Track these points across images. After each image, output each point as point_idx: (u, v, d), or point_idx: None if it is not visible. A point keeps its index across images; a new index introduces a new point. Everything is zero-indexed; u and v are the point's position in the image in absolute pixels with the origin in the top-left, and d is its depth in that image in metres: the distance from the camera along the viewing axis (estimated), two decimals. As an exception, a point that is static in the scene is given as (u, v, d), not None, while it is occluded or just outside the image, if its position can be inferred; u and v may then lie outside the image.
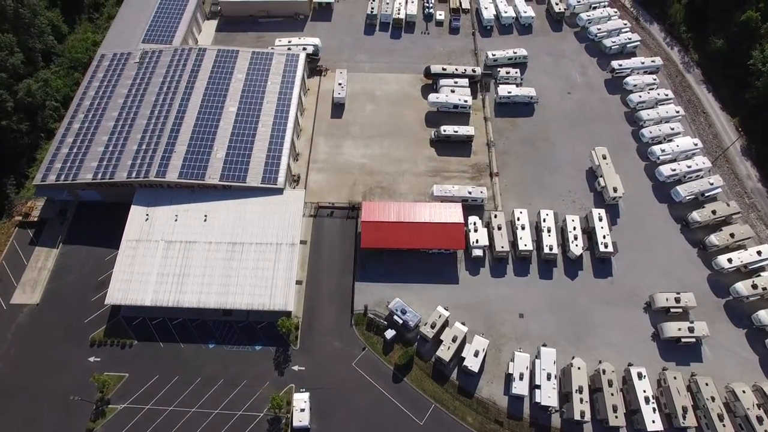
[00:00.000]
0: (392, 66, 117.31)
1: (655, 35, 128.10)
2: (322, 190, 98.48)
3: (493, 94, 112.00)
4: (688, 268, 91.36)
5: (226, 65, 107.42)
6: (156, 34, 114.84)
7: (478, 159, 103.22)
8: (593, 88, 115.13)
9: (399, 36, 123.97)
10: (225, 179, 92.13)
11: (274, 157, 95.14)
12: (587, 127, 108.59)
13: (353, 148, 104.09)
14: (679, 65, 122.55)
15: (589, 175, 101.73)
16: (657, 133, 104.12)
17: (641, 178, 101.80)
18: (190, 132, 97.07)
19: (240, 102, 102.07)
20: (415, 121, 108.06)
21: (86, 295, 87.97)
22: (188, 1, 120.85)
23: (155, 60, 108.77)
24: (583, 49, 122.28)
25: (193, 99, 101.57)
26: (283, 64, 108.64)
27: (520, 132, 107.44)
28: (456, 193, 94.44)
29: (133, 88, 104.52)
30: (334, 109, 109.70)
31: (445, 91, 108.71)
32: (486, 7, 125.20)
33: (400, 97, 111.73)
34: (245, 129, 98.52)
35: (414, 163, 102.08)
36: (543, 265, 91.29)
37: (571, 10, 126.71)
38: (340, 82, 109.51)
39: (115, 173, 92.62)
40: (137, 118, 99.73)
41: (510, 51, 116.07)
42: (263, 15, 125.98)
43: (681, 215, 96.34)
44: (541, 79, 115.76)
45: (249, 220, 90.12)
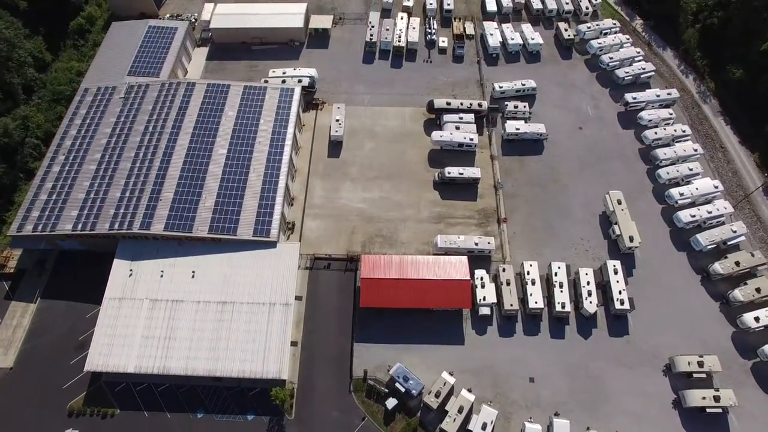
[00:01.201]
0: (393, 98, 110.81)
1: (669, 62, 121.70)
2: (318, 239, 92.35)
3: (500, 130, 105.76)
4: (711, 325, 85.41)
5: (216, 101, 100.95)
6: (142, 66, 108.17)
7: (484, 203, 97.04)
8: (605, 123, 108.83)
9: (400, 65, 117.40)
10: (214, 231, 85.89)
11: (267, 206, 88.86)
12: (600, 166, 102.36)
13: (352, 191, 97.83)
14: (694, 95, 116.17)
15: (603, 221, 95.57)
16: (674, 174, 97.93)
17: (658, 223, 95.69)
18: (177, 177, 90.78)
19: (231, 143, 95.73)
20: (418, 161, 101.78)
21: (65, 358, 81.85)
22: (176, 30, 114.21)
23: (141, 95, 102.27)
24: (595, 79, 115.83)
25: (181, 140, 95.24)
26: (277, 100, 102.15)
27: (528, 172, 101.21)
28: (462, 244, 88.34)
29: (117, 127, 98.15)
30: (331, 147, 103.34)
31: (450, 128, 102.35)
32: (491, 34, 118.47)
33: (401, 134, 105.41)
34: (236, 173, 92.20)
35: (416, 209, 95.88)
36: (554, 323, 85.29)
37: (581, 36, 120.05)
38: (337, 118, 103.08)
39: (96, 224, 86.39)
40: (121, 161, 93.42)
41: (518, 83, 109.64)
42: (256, 42, 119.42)
43: (701, 265, 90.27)
44: (550, 113, 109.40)
45: (240, 276, 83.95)
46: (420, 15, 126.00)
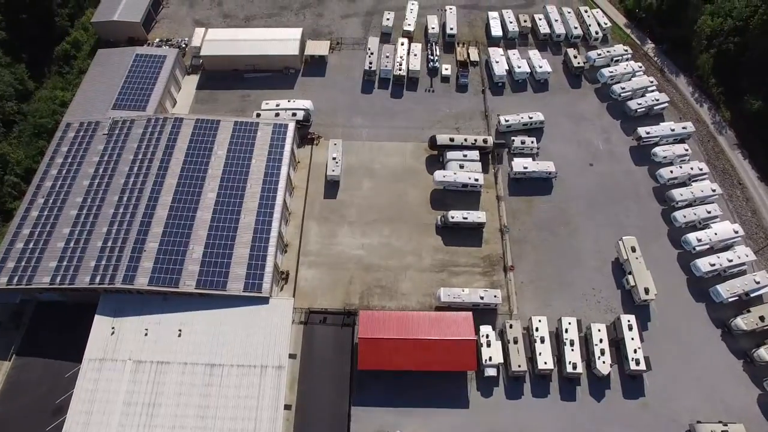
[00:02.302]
0: (393, 132, 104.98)
1: (682, 89, 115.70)
2: (314, 291, 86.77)
3: (507, 167, 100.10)
4: (734, 386, 79.79)
5: (205, 138, 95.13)
6: (128, 99, 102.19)
7: (490, 249, 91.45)
8: (617, 158, 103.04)
9: (400, 94, 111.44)
10: (202, 286, 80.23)
11: (259, 257, 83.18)
12: (612, 207, 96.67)
13: (349, 236, 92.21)
14: (710, 126, 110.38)
15: (616, 268, 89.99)
16: (692, 217, 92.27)
17: (674, 270, 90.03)
18: (162, 225, 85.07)
19: (220, 186, 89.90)
20: (419, 202, 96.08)
21: (41, 424, 76.28)
22: (165, 59, 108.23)
23: (126, 131, 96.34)
24: (605, 110, 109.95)
25: (167, 182, 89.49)
26: (270, 136, 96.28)
27: (537, 214, 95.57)
28: (466, 298, 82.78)
29: (101, 167, 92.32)
30: (327, 186, 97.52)
31: (453, 167, 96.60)
32: (497, 61, 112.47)
33: (401, 172, 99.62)
34: (226, 220, 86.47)
35: (418, 256, 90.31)
36: (565, 383, 79.83)
37: (591, 63, 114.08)
38: (334, 156, 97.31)
39: (76, 277, 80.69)
40: (104, 206, 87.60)
41: (525, 115, 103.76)
42: (249, 69, 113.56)
43: (722, 318, 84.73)
44: (559, 148, 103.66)
45: (230, 335, 78.26)
46: (421, 40, 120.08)
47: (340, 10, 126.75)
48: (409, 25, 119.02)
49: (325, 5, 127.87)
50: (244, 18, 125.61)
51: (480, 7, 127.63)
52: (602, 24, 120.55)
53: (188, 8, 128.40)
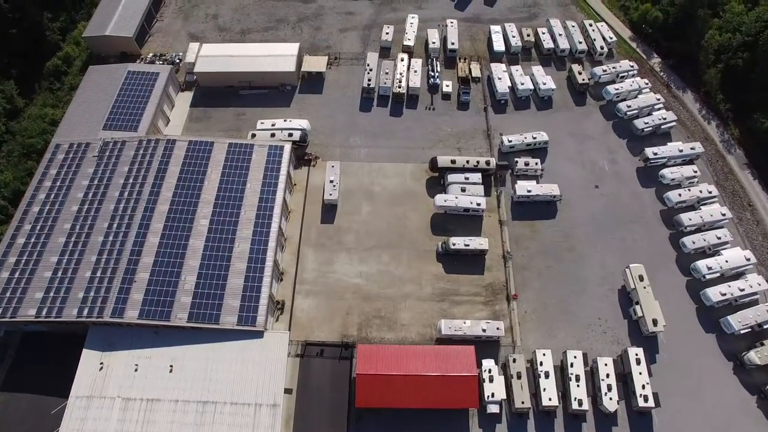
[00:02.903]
0: (392, 152, 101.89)
1: (689, 106, 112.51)
2: (310, 322, 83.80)
3: (510, 189, 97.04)
4: (747, 424, 76.68)
5: (199, 162, 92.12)
6: (119, 119, 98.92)
7: (492, 277, 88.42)
8: (624, 180, 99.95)
9: (400, 112, 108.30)
10: (194, 319, 77.30)
11: (254, 288, 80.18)
12: (618, 231, 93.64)
13: (347, 263, 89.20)
14: (718, 144, 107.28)
15: (622, 296, 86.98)
16: (701, 243, 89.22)
17: (683, 298, 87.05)
18: (154, 254, 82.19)
19: (214, 212, 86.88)
20: (420, 227, 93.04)
21: (26, 466, 74.01)
22: (158, 76, 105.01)
23: (117, 153, 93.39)
24: (611, 128, 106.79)
25: (159, 209, 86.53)
26: (265, 159, 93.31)
27: (541, 240, 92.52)
28: (468, 331, 79.85)
29: (90, 192, 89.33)
30: (325, 210, 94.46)
31: (454, 190, 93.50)
32: (499, 78, 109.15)
33: (401, 195, 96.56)
34: (219, 248, 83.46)
35: (418, 284, 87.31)
36: (570, 420, 76.84)
37: (596, 79, 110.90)
38: (331, 179, 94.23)
39: (63, 310, 77.78)
40: (93, 233, 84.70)
41: (528, 135, 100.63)
42: (245, 86, 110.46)
43: (734, 351, 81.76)
44: (563, 168, 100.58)
45: (223, 371, 75.19)
46: (422, 55, 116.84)
47: (338, 24, 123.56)
48: (409, 39, 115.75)
49: (323, 18, 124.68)
50: (239, 31, 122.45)
51: (482, 20, 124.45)
52: (607, 38, 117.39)
53: (183, 21, 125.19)
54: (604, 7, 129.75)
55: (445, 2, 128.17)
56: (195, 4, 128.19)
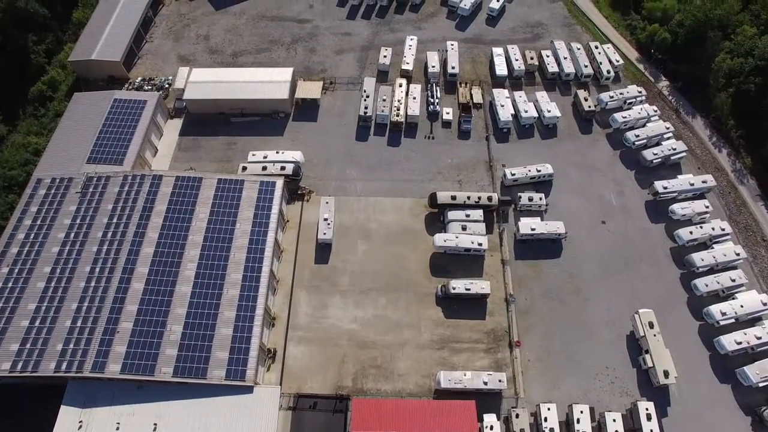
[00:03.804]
0: (390, 186, 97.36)
1: (699, 132, 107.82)
2: (302, 371, 79.51)
3: (512, 226, 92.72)
4: (763, 485, 73.35)
5: (186, 199, 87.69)
6: (104, 152, 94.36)
7: (494, 322, 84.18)
8: (632, 215, 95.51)
9: (398, 141, 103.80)
10: (180, 373, 72.98)
11: (243, 339, 75.92)
12: (626, 271, 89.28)
13: (342, 307, 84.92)
14: (729, 174, 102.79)
15: (631, 342, 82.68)
16: (714, 286, 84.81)
17: (695, 345, 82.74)
18: (138, 301, 77.83)
19: (201, 255, 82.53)
20: (418, 268, 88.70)
21: None
22: (145, 105, 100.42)
23: (101, 190, 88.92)
24: (618, 159, 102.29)
25: (144, 251, 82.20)
26: (256, 195, 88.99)
27: (545, 281, 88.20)
28: (468, 383, 75.53)
29: (72, 232, 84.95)
30: (319, 249, 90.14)
31: (454, 228, 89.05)
32: (502, 105, 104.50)
33: (399, 233, 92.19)
34: (207, 295, 79.07)
35: (417, 330, 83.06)
36: (578, 480, 73.28)
37: (603, 106, 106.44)
38: (325, 217, 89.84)
39: (40, 363, 73.37)
40: (74, 279, 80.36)
41: (532, 168, 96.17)
42: (236, 113, 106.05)
43: (751, 404, 77.39)
44: (569, 203, 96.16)
45: (211, 428, 70.73)
46: (421, 79, 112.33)
47: (333, 45, 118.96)
48: (408, 63, 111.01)
49: (318, 39, 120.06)
50: (231, 53, 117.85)
51: (483, 41, 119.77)
52: (614, 61, 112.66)
53: (173, 42, 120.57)
54: (610, 26, 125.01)
55: (445, 22, 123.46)
56: (186, 24, 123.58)
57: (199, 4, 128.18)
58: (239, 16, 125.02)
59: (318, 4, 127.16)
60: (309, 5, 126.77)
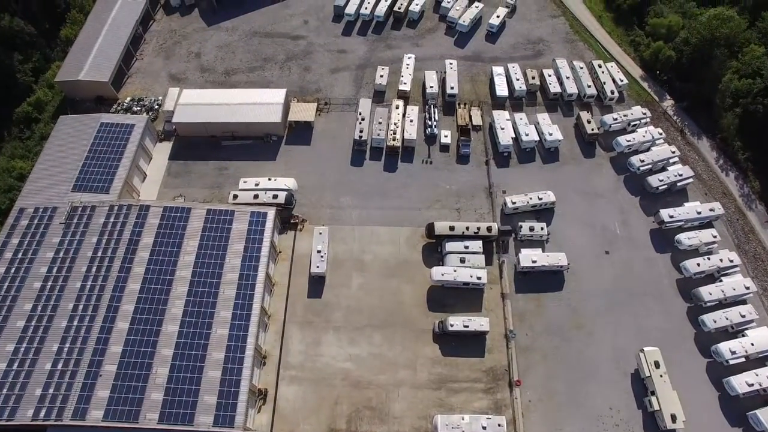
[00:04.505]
0: (386, 214, 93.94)
1: (705, 155, 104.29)
2: (295, 413, 76.20)
3: (513, 257, 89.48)
4: None
5: (174, 231, 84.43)
6: (90, 179, 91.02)
7: (494, 360, 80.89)
8: (636, 244, 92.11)
9: (394, 167, 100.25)
10: (166, 419, 69.75)
11: (232, 381, 72.60)
12: (631, 305, 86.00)
13: (336, 345, 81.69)
14: (737, 199, 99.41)
15: (636, 381, 79.40)
16: (723, 322, 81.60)
17: (704, 385, 79.35)
18: (122, 342, 74.69)
19: (190, 291, 79.30)
20: (415, 302, 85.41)
21: None
22: (133, 129, 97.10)
23: (86, 221, 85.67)
24: (622, 184, 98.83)
25: (130, 288, 78.99)
26: (247, 226, 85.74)
27: (546, 315, 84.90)
28: (466, 428, 72.09)
29: (55, 267, 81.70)
30: (312, 283, 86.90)
31: (453, 261, 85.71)
32: (502, 128, 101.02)
33: (395, 265, 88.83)
34: (195, 335, 75.90)
35: (413, 369, 79.81)
36: None
37: (606, 128, 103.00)
38: (319, 249, 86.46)
39: (17, 410, 70.29)
40: (56, 317, 77.18)
41: (534, 196, 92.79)
42: (227, 136, 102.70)
43: (762, 449, 74.91)
44: (571, 232, 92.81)
45: (195, 481, 68.65)
46: (418, 99, 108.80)
47: (329, 63, 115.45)
48: (405, 84, 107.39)
49: (313, 57, 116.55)
50: (223, 72, 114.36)
51: (483, 59, 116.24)
52: (618, 81, 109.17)
53: (164, 60, 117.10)
54: (613, 42, 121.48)
55: (443, 39, 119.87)
56: (177, 41, 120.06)
57: (191, 19, 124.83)
58: (232, 32, 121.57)
59: (313, 19, 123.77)
60: (304, 21, 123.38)
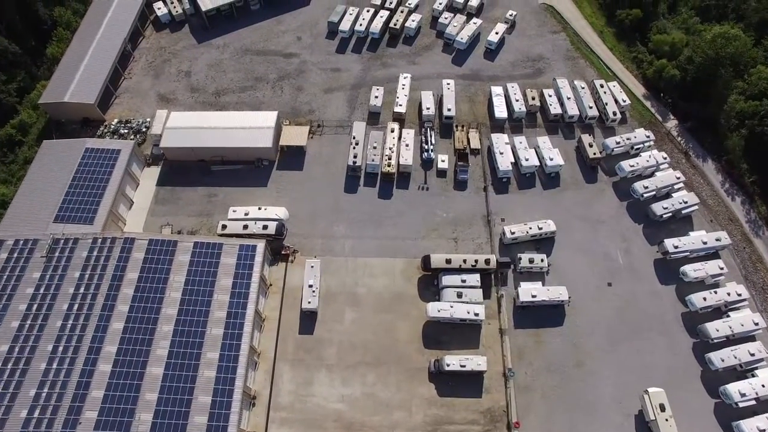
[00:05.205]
0: (380, 245, 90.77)
1: (711, 178, 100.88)
2: (284, 460, 73.79)
3: (512, 289, 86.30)
4: None
5: (160, 266, 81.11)
6: (73, 210, 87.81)
7: (491, 400, 77.73)
8: (640, 275, 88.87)
9: (389, 194, 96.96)
10: (147, 470, 67.45)
11: (219, 428, 69.28)
12: (634, 341, 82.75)
13: (328, 384, 78.53)
14: (744, 225, 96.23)
15: (640, 423, 76.21)
16: (731, 361, 78.33)
17: (712, 428, 76.22)
18: (104, 386, 71.43)
19: (175, 331, 75.94)
20: (410, 339, 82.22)
21: None
22: (117, 156, 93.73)
23: (68, 255, 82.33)
24: (625, 211, 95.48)
25: (113, 327, 75.71)
26: (235, 260, 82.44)
27: (546, 352, 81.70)
28: (464, 478, 69.89)
29: (34, 304, 78.26)
30: (303, 318, 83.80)
31: (449, 295, 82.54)
32: (501, 152, 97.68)
33: (390, 298, 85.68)
34: (181, 378, 72.64)
35: (407, 411, 76.57)
36: None
37: (608, 152, 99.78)
38: (310, 284, 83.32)
39: (-7, 461, 67.94)
40: (34, 359, 73.80)
41: (533, 225, 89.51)
42: (217, 161, 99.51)
43: (771, 497, 71.89)
44: (572, 262, 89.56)
45: None
46: (415, 120, 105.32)
47: (322, 83, 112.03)
48: (401, 105, 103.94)
49: (306, 76, 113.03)
50: (214, 92, 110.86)
51: (481, 77, 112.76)
52: (620, 101, 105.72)
53: (153, 79, 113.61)
54: (615, 59, 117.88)
55: (440, 56, 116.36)
56: (166, 59, 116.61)
57: (181, 36, 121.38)
58: (223, 50, 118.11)
59: (306, 36, 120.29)
60: (297, 37, 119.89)
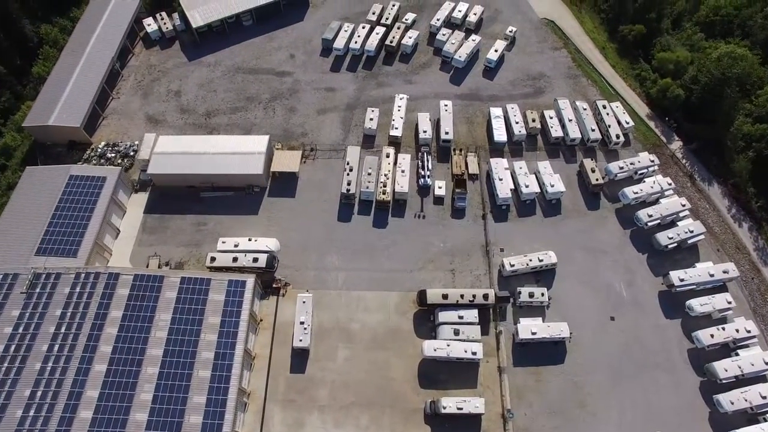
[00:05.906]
0: (374, 277, 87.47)
1: (716, 203, 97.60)
2: None
3: (511, 325, 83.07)
4: None
5: (146, 303, 77.83)
6: (56, 242, 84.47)
7: (491, 444, 75.18)
8: (644, 309, 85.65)
9: (385, 222, 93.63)
10: None
11: (203, 480, 67.15)
12: (638, 379, 79.51)
13: (320, 427, 75.05)
14: (752, 253, 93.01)
15: (646, 470, 73.93)
16: (742, 404, 74.89)
17: (721, 475, 73.91)
18: None
19: (161, 373, 72.70)
20: (405, 378, 78.98)
21: None
22: (103, 184, 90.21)
23: (49, 290, 78.98)
24: (628, 239, 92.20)
25: (95, 370, 72.57)
26: (224, 297, 79.13)
27: (547, 392, 78.43)
28: None
29: (12, 345, 74.94)
30: (295, 356, 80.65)
31: (446, 332, 79.40)
32: (501, 178, 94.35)
33: (384, 335, 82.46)
34: (167, 424, 69.34)
35: (403, 457, 74.09)
36: None
37: (612, 177, 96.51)
38: (302, 321, 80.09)
39: None
40: (10, 405, 70.35)
41: (534, 257, 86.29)
42: (207, 187, 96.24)
43: None
44: (574, 295, 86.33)
45: None
46: (411, 145, 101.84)
47: (316, 103, 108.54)
48: (396, 129, 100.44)
49: (299, 96, 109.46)
50: (204, 113, 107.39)
51: (480, 97, 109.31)
52: (624, 123, 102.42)
53: (141, 99, 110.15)
54: (617, 76, 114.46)
55: (438, 75, 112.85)
56: (156, 78, 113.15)
57: (171, 53, 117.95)
58: (214, 68, 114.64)
59: (300, 53, 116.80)
60: (290, 55, 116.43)
